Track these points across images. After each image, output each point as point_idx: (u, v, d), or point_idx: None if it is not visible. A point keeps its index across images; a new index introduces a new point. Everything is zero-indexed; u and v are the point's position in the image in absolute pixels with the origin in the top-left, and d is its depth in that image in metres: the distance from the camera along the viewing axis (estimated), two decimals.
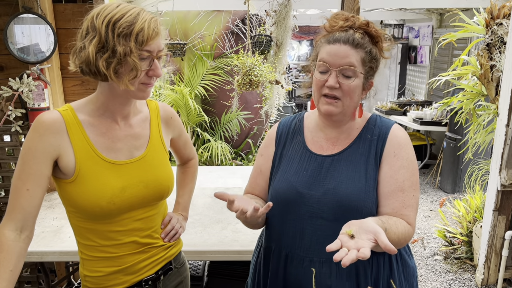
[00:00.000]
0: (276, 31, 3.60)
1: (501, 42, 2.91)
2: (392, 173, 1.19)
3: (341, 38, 1.17)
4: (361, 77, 1.18)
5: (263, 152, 1.38)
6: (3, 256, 1.06)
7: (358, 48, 1.17)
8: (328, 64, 1.17)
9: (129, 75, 1.08)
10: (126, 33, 1.05)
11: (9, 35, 2.37)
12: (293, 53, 11.44)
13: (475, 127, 3.40)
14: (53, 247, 1.85)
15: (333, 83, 1.16)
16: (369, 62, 1.19)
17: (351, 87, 1.17)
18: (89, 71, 1.09)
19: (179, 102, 4.82)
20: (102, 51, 1.05)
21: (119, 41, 1.04)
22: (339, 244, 0.93)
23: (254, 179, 1.38)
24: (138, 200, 1.21)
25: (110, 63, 1.06)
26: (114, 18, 1.05)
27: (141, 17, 1.07)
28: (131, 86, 1.09)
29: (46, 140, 1.10)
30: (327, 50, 1.18)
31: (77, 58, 1.09)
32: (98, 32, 1.05)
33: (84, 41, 1.07)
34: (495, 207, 2.98)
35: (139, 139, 1.25)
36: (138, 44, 1.06)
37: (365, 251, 0.88)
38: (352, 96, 1.19)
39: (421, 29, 7.38)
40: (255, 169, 1.38)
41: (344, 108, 1.20)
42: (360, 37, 1.18)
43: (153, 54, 1.11)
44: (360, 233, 0.95)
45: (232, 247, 1.87)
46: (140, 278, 1.28)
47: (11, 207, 1.10)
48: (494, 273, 3.10)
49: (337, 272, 1.18)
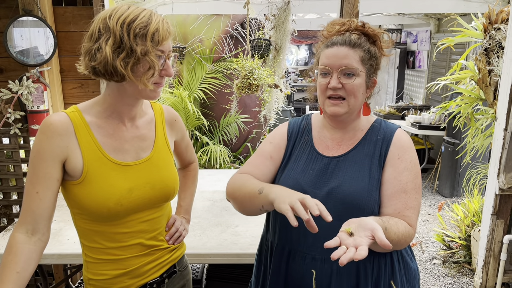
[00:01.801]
0: (275, 35, 3.61)
1: (499, 47, 2.92)
2: (396, 174, 1.21)
3: (338, 41, 1.21)
4: (363, 76, 1.21)
5: (272, 140, 1.36)
6: (11, 258, 1.07)
7: (356, 48, 1.20)
8: (328, 66, 1.21)
9: (147, 74, 1.09)
10: (143, 33, 1.07)
11: (9, 38, 2.38)
12: (292, 58, 11.48)
13: (473, 131, 3.41)
14: (51, 249, 1.84)
15: (335, 84, 1.19)
16: (368, 60, 1.23)
17: (354, 85, 1.20)
18: (104, 72, 1.09)
19: (178, 105, 4.83)
20: (118, 51, 1.06)
21: (136, 41, 1.06)
22: (338, 241, 0.94)
23: (261, 162, 1.32)
24: (144, 202, 1.21)
25: (127, 63, 1.07)
26: (128, 18, 1.07)
27: (155, 18, 1.10)
28: (149, 85, 1.11)
29: (54, 142, 1.10)
30: (326, 54, 1.22)
31: (91, 60, 1.09)
32: (113, 32, 1.06)
33: (99, 42, 1.07)
34: (493, 211, 2.98)
35: (145, 140, 1.25)
36: (154, 44, 1.08)
37: (362, 251, 0.90)
38: (356, 95, 1.21)
39: (419, 34, 7.41)
40: (263, 153, 1.34)
41: (350, 108, 1.22)
42: (356, 38, 1.22)
43: (165, 54, 1.13)
44: (358, 230, 0.97)
45: (231, 250, 1.87)
46: (145, 281, 1.27)
47: (23, 210, 1.12)
48: (492, 277, 3.09)
49: (337, 270, 1.20)
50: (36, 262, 1.11)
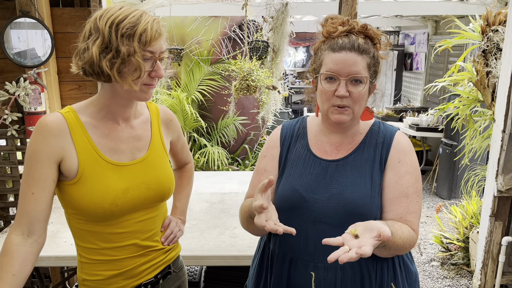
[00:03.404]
0: (273, 37, 3.61)
1: (497, 49, 2.93)
2: (397, 178, 1.19)
3: (346, 45, 1.14)
4: (368, 82, 1.17)
5: (266, 153, 1.35)
6: (6, 260, 1.06)
7: (364, 54, 1.15)
8: (336, 73, 1.14)
9: (133, 75, 1.08)
10: (130, 33, 1.06)
11: (6, 39, 2.37)
12: (289, 60, 11.48)
13: (471, 133, 3.41)
14: (48, 252, 1.83)
15: (343, 92, 1.13)
16: (373, 66, 1.19)
17: (361, 94, 1.15)
18: (92, 72, 1.09)
19: (175, 107, 4.82)
20: (106, 51, 1.06)
21: (122, 42, 1.05)
22: (340, 241, 0.92)
23: (257, 180, 1.32)
24: (140, 202, 1.21)
25: (113, 63, 1.06)
26: (117, 19, 1.06)
27: (144, 19, 1.08)
28: (135, 86, 1.09)
29: (49, 143, 1.10)
30: (333, 59, 1.15)
31: (80, 59, 1.09)
32: (101, 33, 1.06)
33: (88, 42, 1.07)
34: (491, 213, 2.98)
35: (140, 140, 1.24)
36: (142, 45, 1.07)
37: (366, 248, 0.88)
38: (361, 103, 1.18)
39: (417, 36, 7.43)
40: (258, 170, 1.34)
41: (355, 115, 1.19)
42: (363, 42, 1.16)
43: (155, 55, 1.11)
44: (364, 233, 0.95)
45: (229, 252, 1.86)
46: (140, 282, 1.27)
47: (18, 212, 1.11)
48: (491, 279, 3.09)
49: (342, 278, 1.17)
50: (32, 264, 1.10)
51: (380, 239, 0.92)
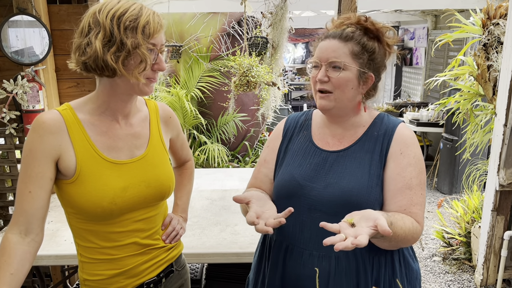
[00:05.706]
0: (272, 33, 3.59)
1: (498, 42, 2.91)
2: (399, 170, 1.18)
3: (331, 34, 1.21)
4: (353, 70, 1.18)
5: (269, 144, 1.39)
6: (4, 260, 1.05)
7: (348, 41, 1.18)
8: (317, 59, 1.21)
9: (139, 67, 1.08)
10: (133, 26, 1.05)
11: (3, 38, 2.35)
12: (289, 56, 11.45)
13: (472, 127, 3.40)
14: (48, 251, 1.82)
15: (321, 76, 1.19)
16: (361, 54, 1.19)
17: (340, 79, 1.18)
18: (96, 67, 1.07)
19: (175, 104, 4.80)
20: (109, 45, 1.05)
21: (126, 35, 1.04)
22: (337, 228, 0.92)
23: (257, 169, 1.39)
24: (139, 200, 1.19)
25: (118, 57, 1.05)
26: (118, 12, 1.05)
27: (145, 12, 1.08)
28: (141, 79, 1.09)
29: (46, 141, 1.08)
30: (318, 47, 1.22)
31: (81, 55, 1.07)
32: (102, 26, 1.04)
33: (89, 37, 1.05)
34: (493, 207, 2.97)
35: (139, 138, 1.23)
36: (145, 37, 1.07)
37: (362, 238, 0.88)
38: (343, 89, 1.19)
39: (416, 31, 7.41)
40: (260, 160, 1.39)
41: (337, 102, 1.20)
42: (350, 31, 1.20)
43: (157, 48, 1.11)
44: (361, 221, 0.95)
45: (230, 249, 1.85)
46: (142, 281, 1.25)
47: (15, 211, 1.09)
48: (493, 273, 3.09)
49: (336, 268, 1.17)
50: (30, 263, 1.09)
51: (377, 230, 0.91)
